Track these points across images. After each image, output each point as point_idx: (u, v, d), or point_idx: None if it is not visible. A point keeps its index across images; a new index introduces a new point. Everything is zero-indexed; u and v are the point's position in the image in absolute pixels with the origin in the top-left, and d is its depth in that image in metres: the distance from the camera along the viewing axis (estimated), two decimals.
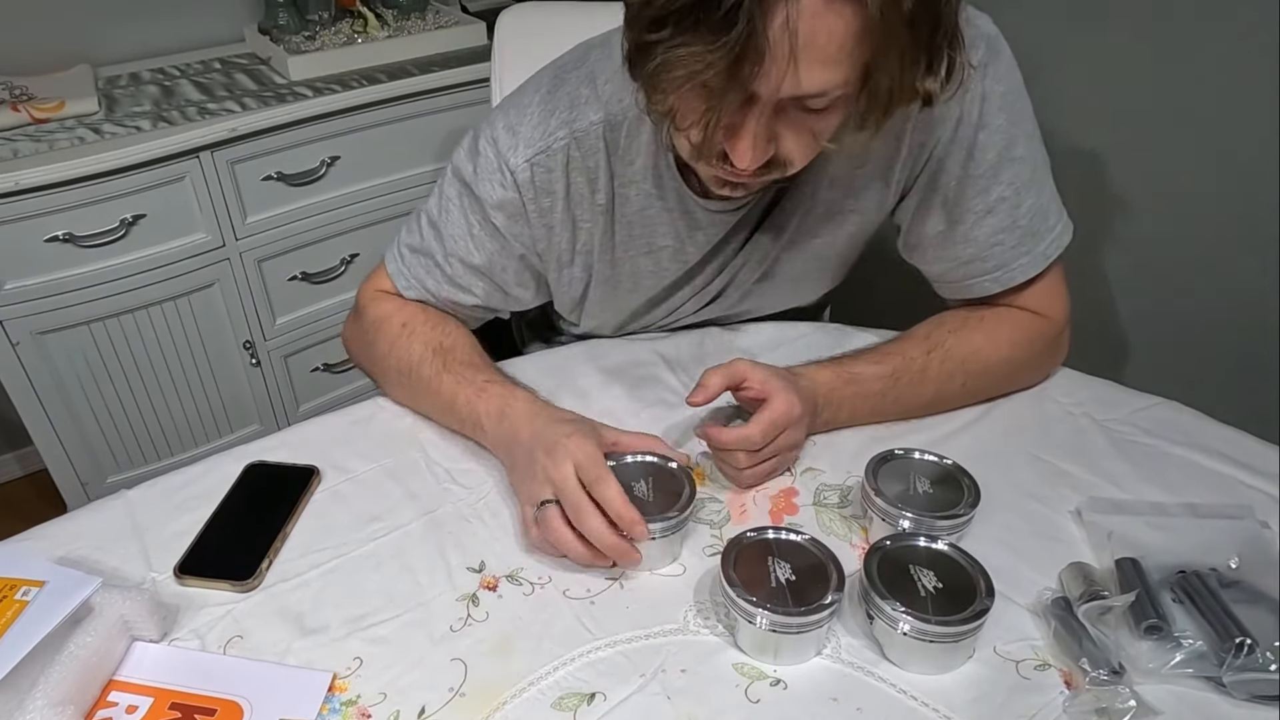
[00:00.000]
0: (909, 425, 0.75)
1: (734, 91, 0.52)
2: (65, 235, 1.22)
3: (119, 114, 1.30)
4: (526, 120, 0.71)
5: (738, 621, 0.56)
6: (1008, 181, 0.70)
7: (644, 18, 0.52)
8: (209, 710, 0.53)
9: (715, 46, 0.49)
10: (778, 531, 0.60)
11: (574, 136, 0.70)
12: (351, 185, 1.46)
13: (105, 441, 1.41)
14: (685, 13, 0.49)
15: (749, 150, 0.57)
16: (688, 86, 0.53)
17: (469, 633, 0.58)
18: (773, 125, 0.56)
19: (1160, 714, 0.52)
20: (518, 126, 0.71)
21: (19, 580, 0.55)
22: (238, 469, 0.70)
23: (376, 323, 0.78)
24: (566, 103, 0.71)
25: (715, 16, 0.48)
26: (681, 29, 0.50)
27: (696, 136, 0.57)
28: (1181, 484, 0.68)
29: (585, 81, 0.71)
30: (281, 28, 1.49)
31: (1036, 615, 0.59)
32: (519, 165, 0.71)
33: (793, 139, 0.58)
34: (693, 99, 0.54)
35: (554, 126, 0.71)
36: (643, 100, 0.58)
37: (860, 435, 0.74)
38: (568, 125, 0.70)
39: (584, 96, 0.71)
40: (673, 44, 0.51)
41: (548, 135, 0.71)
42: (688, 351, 0.85)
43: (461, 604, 0.60)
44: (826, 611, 0.54)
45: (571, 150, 0.71)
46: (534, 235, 0.74)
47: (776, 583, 0.56)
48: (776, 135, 0.58)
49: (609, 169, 0.72)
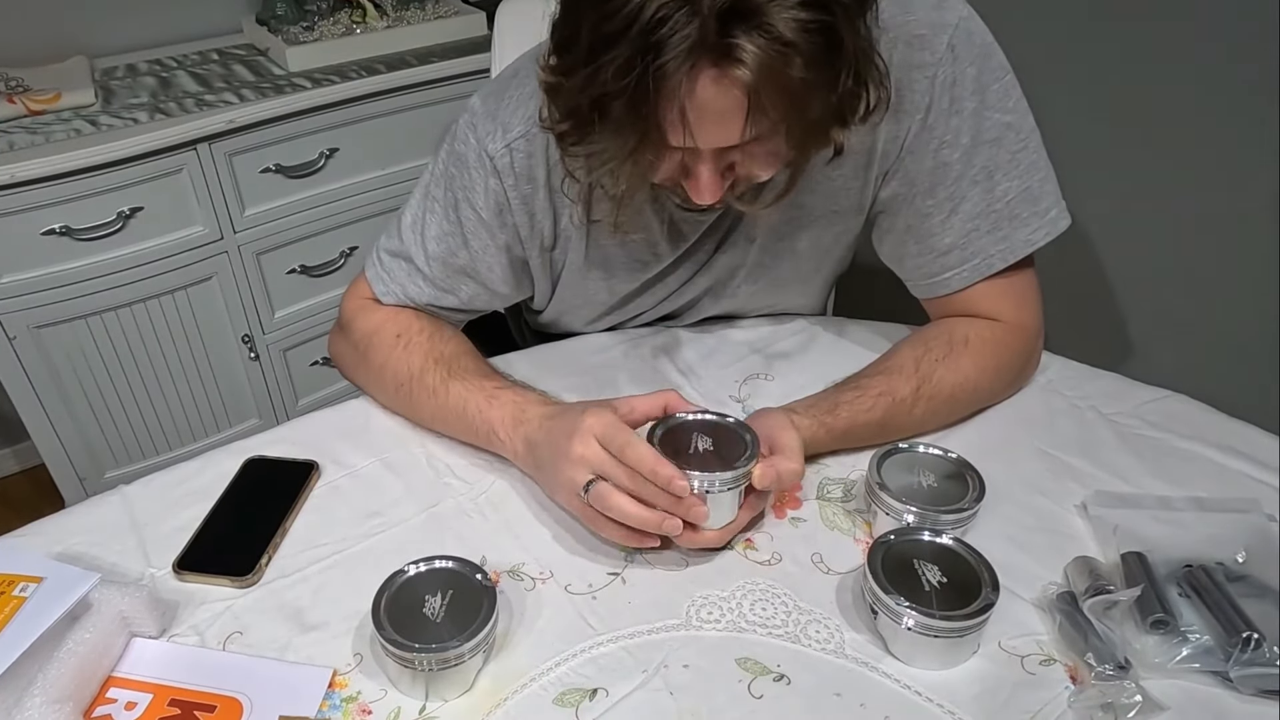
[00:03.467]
0: None
1: (663, 158, 0.56)
2: (62, 228, 1.21)
3: (116, 106, 1.29)
4: (505, 106, 0.71)
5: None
6: (981, 165, 0.69)
7: (556, 108, 0.56)
8: (208, 707, 0.52)
9: (617, 140, 0.53)
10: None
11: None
12: (351, 177, 1.45)
13: (103, 436, 1.41)
14: (587, 112, 0.53)
15: (705, 190, 0.59)
16: (601, 165, 0.56)
17: None
18: (723, 158, 0.58)
19: (1166, 709, 0.51)
20: (497, 112, 0.71)
21: (17, 576, 0.54)
22: (236, 464, 0.70)
23: (367, 335, 0.77)
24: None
25: (614, 116, 0.52)
26: (586, 124, 0.54)
27: (649, 186, 0.61)
28: (1188, 478, 0.68)
29: None
30: (279, 18, 1.48)
31: (1042, 610, 0.58)
32: (499, 151, 0.70)
33: (749, 162, 0.59)
34: (611, 172, 0.57)
35: (533, 110, 0.69)
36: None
37: None
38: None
39: None
40: (578, 136, 0.56)
41: (527, 119, 0.70)
42: (689, 346, 0.84)
43: None
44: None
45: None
46: (517, 223, 0.73)
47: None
48: (731, 164, 0.59)
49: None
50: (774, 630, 0.58)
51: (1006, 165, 0.69)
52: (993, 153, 0.69)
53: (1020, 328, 0.74)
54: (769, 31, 0.48)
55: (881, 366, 0.73)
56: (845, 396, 0.69)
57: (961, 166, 0.69)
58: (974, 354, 0.72)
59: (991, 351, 0.73)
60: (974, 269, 0.73)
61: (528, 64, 0.72)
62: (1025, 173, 0.70)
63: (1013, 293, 0.74)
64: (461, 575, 0.56)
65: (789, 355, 0.83)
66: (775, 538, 0.64)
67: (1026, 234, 0.71)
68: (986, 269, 0.72)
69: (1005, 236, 0.71)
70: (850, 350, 0.82)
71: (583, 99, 0.52)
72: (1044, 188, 0.71)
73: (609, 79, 0.50)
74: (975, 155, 0.69)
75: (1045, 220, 0.72)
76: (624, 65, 0.49)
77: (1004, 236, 0.71)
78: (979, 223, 0.71)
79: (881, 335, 0.84)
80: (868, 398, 0.69)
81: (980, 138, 0.68)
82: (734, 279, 0.81)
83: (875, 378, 0.71)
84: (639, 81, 0.49)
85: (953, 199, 0.70)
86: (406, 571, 0.56)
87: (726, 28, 0.48)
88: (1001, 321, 0.74)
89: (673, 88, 0.50)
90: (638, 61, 0.48)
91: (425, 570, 0.57)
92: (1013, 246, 0.72)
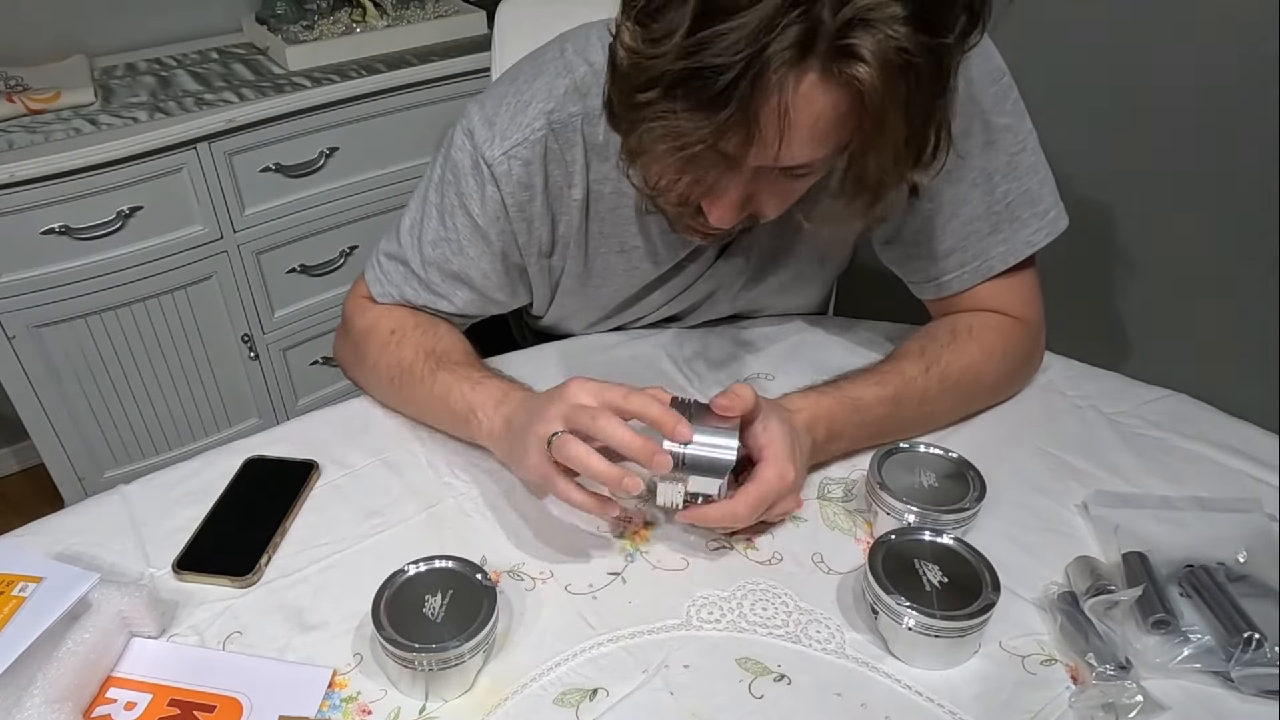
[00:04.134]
0: None
1: (717, 164, 0.53)
2: (61, 228, 1.21)
3: (115, 105, 1.29)
4: (503, 112, 0.70)
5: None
6: (980, 168, 0.69)
7: (633, 77, 0.51)
8: (208, 707, 0.52)
9: (704, 122, 0.49)
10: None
11: (552, 128, 0.69)
12: (350, 176, 1.45)
13: (102, 436, 1.41)
14: (677, 82, 0.49)
15: (727, 212, 0.58)
16: (670, 151, 0.52)
17: None
18: (751, 186, 0.57)
19: (1167, 709, 0.51)
20: (494, 119, 0.70)
21: (16, 576, 0.54)
22: (236, 463, 0.70)
23: (364, 332, 0.77)
24: (544, 93, 0.69)
25: (707, 94, 0.48)
26: (671, 97, 0.49)
27: (673, 198, 0.58)
28: (1189, 477, 0.68)
29: (563, 73, 0.70)
30: (279, 17, 1.48)
31: (1043, 610, 0.58)
32: (496, 158, 0.69)
33: (770, 199, 0.59)
34: (673, 161, 0.54)
35: (531, 117, 0.69)
36: (619, 145, 0.58)
37: None
38: (545, 116, 0.69)
39: (561, 87, 0.69)
40: (660, 110, 0.50)
41: (525, 126, 0.69)
42: (691, 346, 0.84)
43: None
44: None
45: (550, 142, 0.69)
46: (514, 230, 0.73)
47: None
48: (754, 194, 0.58)
49: (585, 163, 0.71)
50: (774, 630, 0.58)
51: (1005, 167, 0.70)
52: (992, 155, 0.69)
53: (1022, 323, 0.75)
54: (892, 39, 0.46)
55: (890, 355, 0.74)
56: (852, 375, 0.70)
57: (959, 171, 0.69)
58: (978, 340, 0.73)
59: (996, 338, 0.73)
60: (975, 271, 0.73)
61: (525, 70, 0.72)
62: (1024, 174, 0.70)
63: (1014, 292, 0.74)
64: (461, 575, 0.56)
65: (790, 354, 0.83)
66: (776, 537, 0.64)
67: (1027, 235, 0.72)
68: (987, 270, 0.73)
69: (1006, 238, 0.71)
70: (852, 349, 0.82)
71: (673, 68, 0.48)
72: (1043, 189, 0.72)
73: (714, 54, 0.46)
74: (972, 158, 0.69)
75: (1045, 221, 0.72)
76: (735, 44, 0.46)
77: (1004, 238, 0.71)
78: (979, 225, 0.71)
79: (882, 335, 0.84)
80: (877, 374, 0.70)
81: (978, 141, 0.68)
82: (736, 283, 0.81)
83: (885, 364, 0.72)
84: (747, 65, 0.46)
85: (953, 202, 0.70)
86: (406, 571, 0.56)
87: (846, 30, 0.46)
88: (1004, 315, 0.74)
89: (780, 80, 0.47)
90: (754, 42, 0.45)
91: (425, 570, 0.56)
92: (1013, 248, 0.72)
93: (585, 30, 0.71)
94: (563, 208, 0.73)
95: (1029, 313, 0.75)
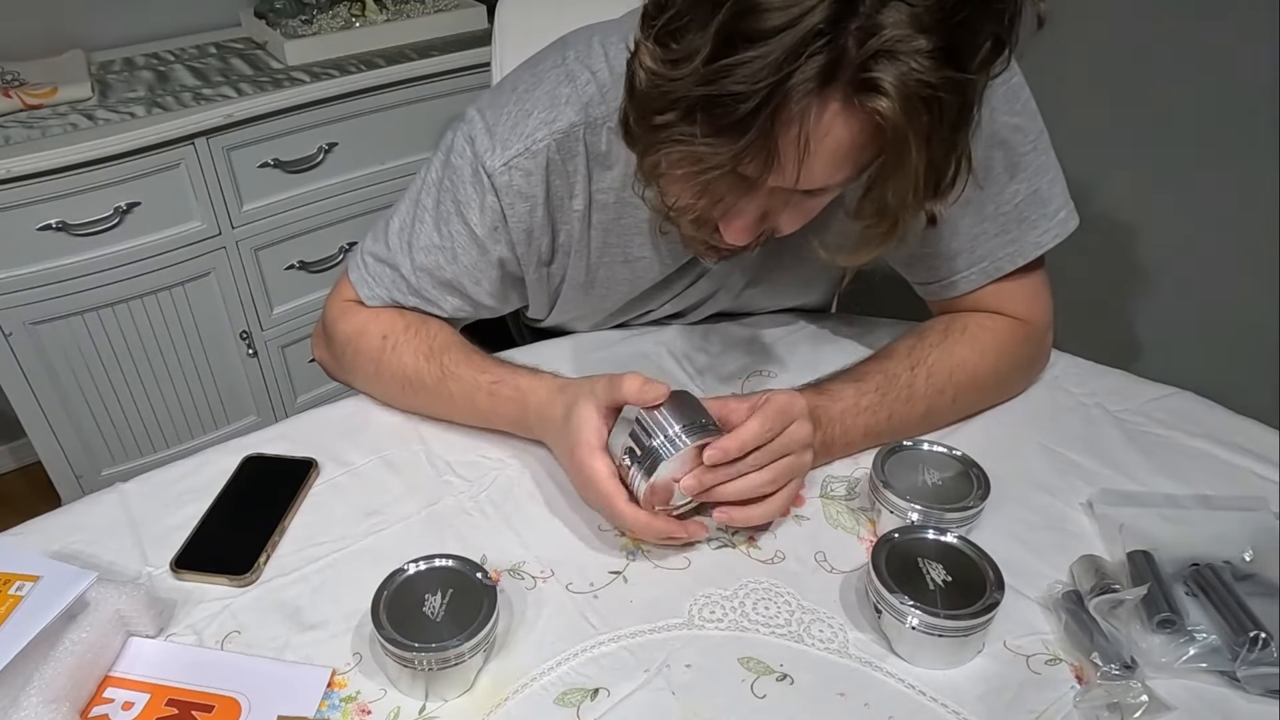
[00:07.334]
0: None
1: (735, 187, 0.53)
2: (58, 224, 1.21)
3: (113, 100, 1.28)
4: (504, 121, 0.68)
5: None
6: (985, 169, 0.68)
7: (651, 98, 0.51)
8: (206, 706, 0.52)
9: (723, 148, 0.49)
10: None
11: (554, 138, 0.68)
12: (349, 172, 1.45)
13: (100, 434, 1.40)
14: (696, 107, 0.48)
15: (744, 231, 0.58)
16: (689, 176, 0.52)
17: None
18: (768, 204, 0.57)
19: (1173, 709, 0.51)
20: (495, 128, 0.68)
21: (13, 575, 0.54)
22: (235, 461, 0.69)
23: (352, 338, 0.75)
24: (545, 101, 0.68)
25: (727, 120, 0.47)
26: (690, 121, 0.49)
27: (690, 218, 0.58)
28: (1195, 475, 0.67)
29: (564, 81, 0.68)
30: (278, 11, 1.47)
31: (1047, 609, 0.58)
32: (496, 169, 0.68)
33: (787, 216, 0.59)
34: (690, 182, 0.54)
35: (533, 127, 0.68)
36: (633, 164, 0.58)
37: None
38: (547, 126, 0.67)
39: (564, 96, 0.68)
40: (679, 134, 0.50)
41: (526, 137, 0.68)
42: (692, 343, 0.84)
43: None
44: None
45: (551, 152, 0.68)
46: (513, 240, 0.72)
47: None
48: (771, 212, 0.58)
49: (587, 173, 0.70)
50: (777, 629, 0.57)
51: (1014, 167, 0.69)
52: (1001, 155, 0.68)
53: (1027, 322, 0.74)
54: (915, 72, 0.46)
55: (876, 354, 0.73)
56: (837, 375, 0.70)
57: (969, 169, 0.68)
58: (972, 339, 0.72)
59: (991, 337, 0.73)
60: (982, 271, 0.72)
61: (526, 78, 0.70)
62: (1034, 175, 0.70)
63: (1021, 292, 0.73)
64: (462, 574, 0.56)
65: (792, 352, 0.82)
66: (778, 536, 0.64)
67: (1035, 236, 0.71)
68: (995, 271, 0.72)
69: (1014, 239, 0.71)
70: (853, 347, 0.82)
71: (693, 94, 0.48)
72: (1053, 189, 0.71)
73: (736, 82, 0.46)
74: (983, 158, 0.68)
75: (1054, 222, 0.71)
76: (758, 72, 0.45)
77: (1012, 239, 0.71)
78: (987, 226, 0.70)
79: (884, 333, 0.83)
80: (856, 372, 0.70)
81: (986, 143, 0.67)
82: (739, 283, 0.81)
83: (865, 363, 0.72)
84: (770, 93, 0.46)
85: (960, 202, 0.70)
86: (406, 570, 0.56)
87: (869, 62, 0.46)
88: (1006, 315, 0.74)
89: (802, 110, 0.47)
90: (777, 71, 0.45)
91: (425, 569, 0.56)
92: (1021, 249, 0.71)
93: (587, 35, 0.70)
94: (563, 218, 0.72)
95: (1033, 313, 0.74)
